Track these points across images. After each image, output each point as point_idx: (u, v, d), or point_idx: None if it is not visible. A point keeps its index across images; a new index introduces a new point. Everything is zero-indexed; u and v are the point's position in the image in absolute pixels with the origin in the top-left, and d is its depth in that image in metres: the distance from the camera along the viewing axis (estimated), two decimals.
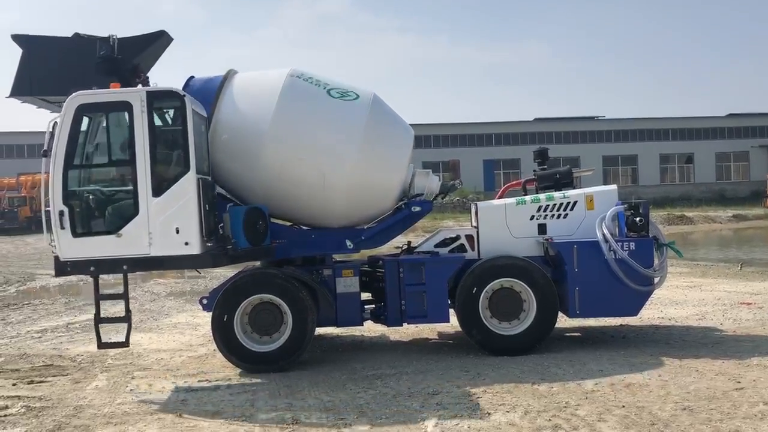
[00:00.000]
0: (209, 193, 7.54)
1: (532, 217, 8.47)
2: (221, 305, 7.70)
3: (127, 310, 7.54)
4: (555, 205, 8.47)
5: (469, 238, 8.52)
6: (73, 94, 7.13)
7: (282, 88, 7.98)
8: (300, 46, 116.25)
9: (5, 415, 6.45)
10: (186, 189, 7.21)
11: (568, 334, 9.21)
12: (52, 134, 7.14)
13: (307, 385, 7.14)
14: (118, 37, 7.57)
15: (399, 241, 9.03)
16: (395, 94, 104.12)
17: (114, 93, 7.25)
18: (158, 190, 7.17)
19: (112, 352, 9.12)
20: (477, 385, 6.85)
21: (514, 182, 10.04)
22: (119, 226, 7.20)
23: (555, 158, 9.78)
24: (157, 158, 7.21)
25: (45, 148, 7.17)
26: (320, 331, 8.92)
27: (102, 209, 7.42)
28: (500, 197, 9.25)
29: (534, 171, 9.41)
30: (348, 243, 8.35)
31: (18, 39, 7.79)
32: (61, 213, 7.08)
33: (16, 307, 13.85)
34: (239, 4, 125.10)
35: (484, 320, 8.07)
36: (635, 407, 6.00)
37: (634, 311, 8.47)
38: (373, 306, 8.58)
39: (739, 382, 6.67)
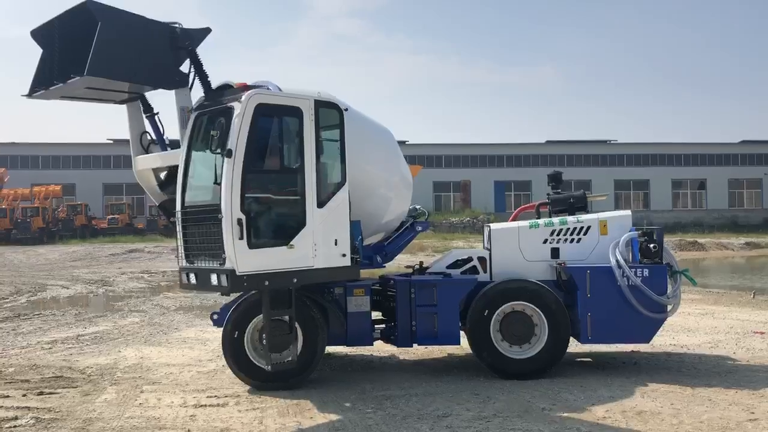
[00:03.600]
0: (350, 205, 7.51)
1: (545, 241, 8.45)
2: (232, 321, 7.70)
3: (292, 327, 7.37)
4: (568, 229, 8.45)
5: (482, 260, 8.51)
6: (250, 91, 6.77)
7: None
8: (312, 64, 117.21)
9: (15, 426, 6.46)
10: (342, 201, 7.24)
11: (579, 360, 9.14)
12: (214, 129, 6.65)
13: (316, 403, 7.12)
14: (182, 26, 7.20)
15: (410, 260, 9.05)
16: (406, 113, 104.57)
17: (288, 97, 7.06)
18: (322, 201, 7.07)
19: (121, 364, 9.14)
20: (487, 408, 6.80)
21: (528, 205, 10.06)
22: (290, 237, 6.94)
23: (566, 181, 9.81)
24: (320, 169, 7.10)
25: (229, 147, 6.55)
26: (330, 349, 8.90)
27: (275, 218, 7.16)
28: (513, 220, 9.26)
29: (548, 194, 9.41)
30: (378, 258, 8.61)
31: (93, 6, 6.64)
32: (239, 221, 6.53)
33: (27, 318, 13.90)
34: (253, 23, 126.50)
35: (495, 343, 8.03)
36: None
37: (647, 338, 8.41)
38: (384, 326, 8.57)
39: (752, 412, 6.59)
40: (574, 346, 8.76)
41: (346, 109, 7.33)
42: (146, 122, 8.00)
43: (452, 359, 9.36)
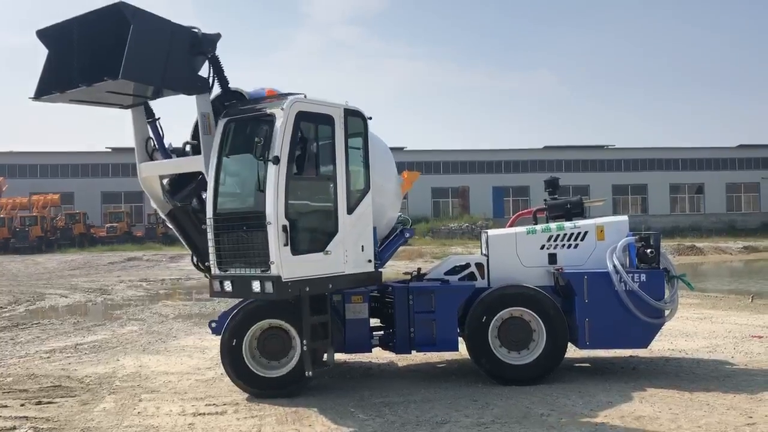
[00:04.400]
0: None
1: (542, 247, 8.47)
2: (230, 329, 7.70)
3: (330, 332, 7.46)
4: (565, 234, 8.47)
5: (479, 266, 8.52)
6: (291, 99, 6.89)
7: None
8: (311, 69, 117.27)
9: None
10: (367, 207, 7.46)
11: (577, 365, 9.15)
12: (262, 138, 6.61)
13: (314, 411, 7.11)
14: (201, 31, 7.14)
15: (408, 267, 9.06)
16: (404, 118, 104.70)
17: (323, 105, 7.21)
18: (351, 207, 7.27)
19: (119, 373, 9.14)
20: (486, 415, 6.80)
21: (525, 211, 10.08)
22: (326, 244, 7.12)
23: (564, 186, 9.83)
24: (349, 176, 7.27)
25: (276, 153, 6.62)
26: None
27: (313, 225, 7.30)
28: (511, 226, 9.27)
29: (545, 200, 9.44)
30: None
31: (126, 7, 6.42)
32: (284, 228, 6.63)
33: (25, 327, 13.88)
34: (252, 29, 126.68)
35: (493, 349, 8.03)
36: None
37: (645, 343, 8.41)
38: (382, 332, 8.58)
39: (750, 417, 6.60)
40: (572, 352, 8.76)
41: (370, 118, 7.50)
42: (148, 128, 7.99)
43: (451, 366, 9.36)
